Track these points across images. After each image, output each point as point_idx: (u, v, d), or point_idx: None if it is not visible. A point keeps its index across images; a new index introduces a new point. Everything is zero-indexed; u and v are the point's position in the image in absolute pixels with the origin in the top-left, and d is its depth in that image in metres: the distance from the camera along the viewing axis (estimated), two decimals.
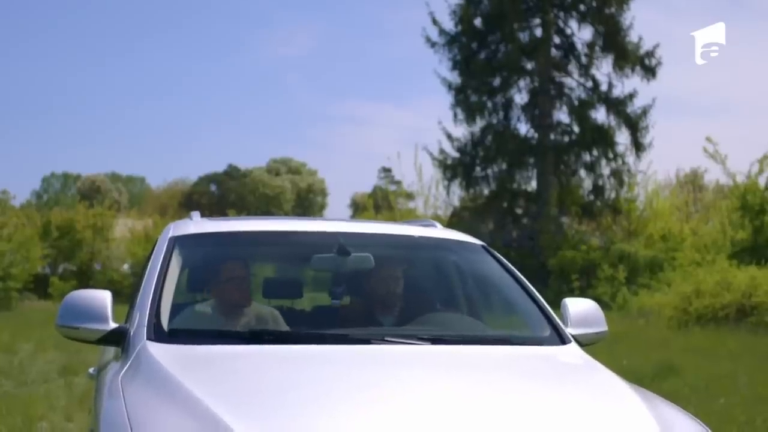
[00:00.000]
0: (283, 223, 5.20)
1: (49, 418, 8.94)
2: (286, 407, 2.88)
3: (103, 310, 3.76)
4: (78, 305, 3.83)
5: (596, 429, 2.93)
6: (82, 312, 3.80)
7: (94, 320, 3.74)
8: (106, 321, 3.76)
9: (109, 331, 3.75)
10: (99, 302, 3.80)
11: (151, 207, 76.44)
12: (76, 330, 3.77)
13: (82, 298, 3.86)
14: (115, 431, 2.76)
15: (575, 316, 4.19)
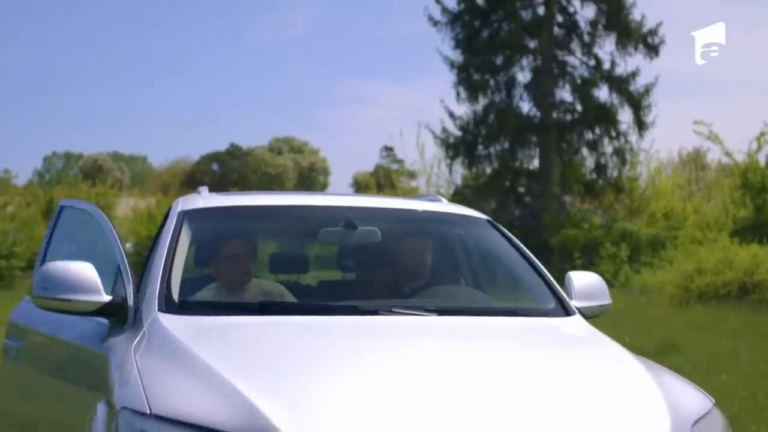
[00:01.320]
0: (291, 197, 5.28)
1: None
2: (297, 374, 2.96)
3: (93, 282, 3.79)
4: (63, 277, 3.83)
5: (600, 396, 3.00)
6: (70, 284, 3.80)
7: (86, 292, 3.76)
8: (99, 292, 3.79)
9: (105, 302, 3.79)
10: (87, 274, 3.82)
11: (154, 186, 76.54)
12: (67, 302, 3.79)
13: (64, 269, 3.87)
14: (130, 401, 2.81)
15: (579, 289, 4.26)
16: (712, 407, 3.15)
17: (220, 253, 4.43)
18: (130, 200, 49.64)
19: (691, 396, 3.17)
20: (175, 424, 2.68)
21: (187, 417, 2.70)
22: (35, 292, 3.90)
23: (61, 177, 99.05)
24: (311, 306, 4.00)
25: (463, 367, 3.14)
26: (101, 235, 4.38)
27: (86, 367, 4.06)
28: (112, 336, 3.90)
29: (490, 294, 4.52)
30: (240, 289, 4.35)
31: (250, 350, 3.25)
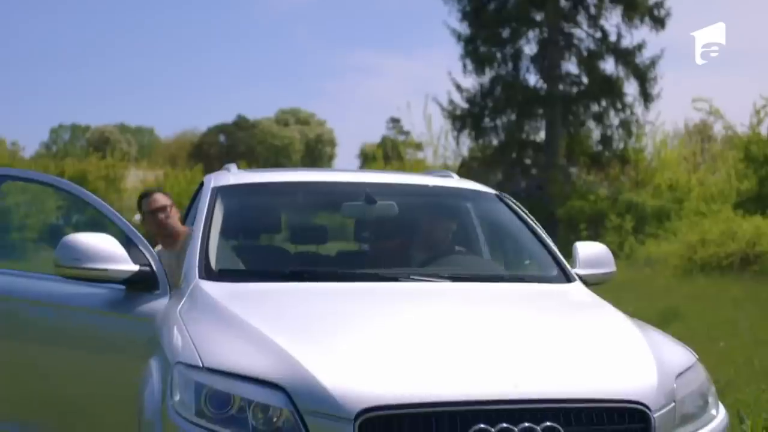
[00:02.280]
0: (315, 174, 5.67)
1: None
2: (326, 330, 3.38)
3: (121, 253, 4.18)
4: (90, 248, 4.19)
5: (593, 348, 3.40)
6: (100, 254, 4.17)
7: (116, 261, 4.14)
8: (128, 262, 4.17)
9: (136, 271, 4.17)
10: (113, 245, 4.20)
11: (161, 158, 76.65)
12: (101, 272, 4.16)
13: (88, 241, 4.23)
14: (184, 356, 3.20)
15: (584, 258, 4.63)
16: (695, 362, 3.53)
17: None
18: (139, 172, 49.85)
19: (677, 352, 3.55)
20: (224, 374, 3.05)
21: (233, 368, 3.07)
22: (60, 262, 4.22)
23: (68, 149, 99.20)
24: (337, 273, 4.38)
25: (469, 322, 3.62)
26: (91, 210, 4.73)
27: (109, 331, 4.41)
28: (146, 301, 4.28)
29: (498, 261, 4.91)
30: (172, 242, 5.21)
31: (283, 311, 3.65)
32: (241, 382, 3.01)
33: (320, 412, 2.84)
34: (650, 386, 3.09)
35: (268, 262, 4.62)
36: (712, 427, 3.28)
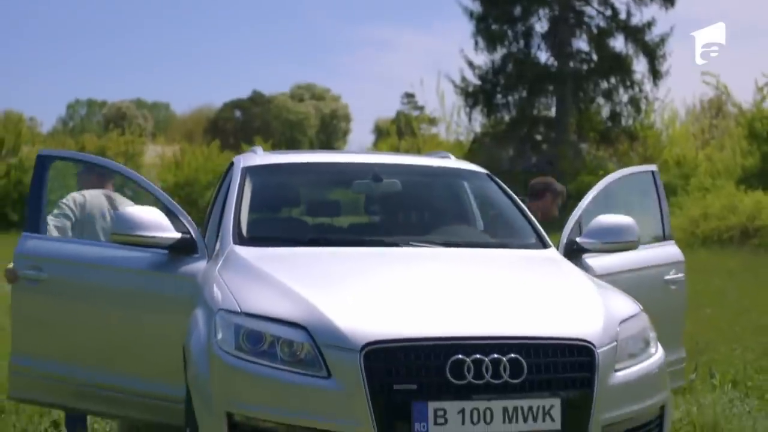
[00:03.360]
0: (330, 155, 6.51)
1: None
2: (339, 283, 4.20)
3: (166, 222, 4.98)
4: (141, 219, 4.93)
5: (553, 296, 4.20)
6: (149, 223, 4.92)
7: (162, 230, 4.94)
8: (171, 230, 4.97)
9: (178, 238, 4.97)
10: (159, 216, 4.99)
11: (177, 133, 77.33)
12: (150, 239, 4.93)
13: (140, 212, 4.99)
14: (225, 304, 3.98)
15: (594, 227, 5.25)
16: (638, 312, 4.27)
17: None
18: (157, 148, 50.43)
19: (623, 303, 4.31)
20: (257, 317, 3.82)
21: (265, 312, 3.83)
22: (115, 230, 4.98)
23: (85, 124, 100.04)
24: (348, 239, 5.20)
25: (454, 278, 4.45)
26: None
27: (155, 289, 5.15)
28: (186, 263, 5.05)
29: (487, 231, 5.68)
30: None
31: (303, 268, 4.43)
32: (271, 323, 3.78)
33: (334, 345, 3.60)
34: (596, 329, 3.84)
35: (290, 230, 5.42)
36: (648, 362, 4.04)
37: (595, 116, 35.81)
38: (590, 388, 3.69)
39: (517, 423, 3.55)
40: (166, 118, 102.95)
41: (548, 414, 3.59)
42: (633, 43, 34.86)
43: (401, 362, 3.56)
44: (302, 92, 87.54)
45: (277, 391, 3.64)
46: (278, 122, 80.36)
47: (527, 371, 3.60)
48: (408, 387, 3.52)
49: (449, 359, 3.56)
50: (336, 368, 3.58)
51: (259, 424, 3.66)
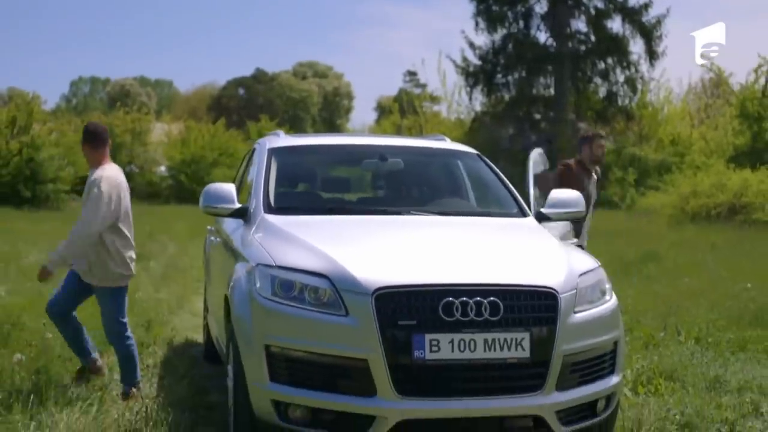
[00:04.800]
0: (342, 138, 7.53)
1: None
2: (351, 240, 5.19)
3: (230, 196, 5.96)
4: (215, 193, 5.99)
5: (525, 254, 5.18)
6: (219, 197, 5.97)
7: (227, 202, 5.94)
8: (233, 202, 5.96)
9: (236, 208, 5.96)
10: (227, 191, 5.99)
11: (181, 110, 78.01)
12: (215, 208, 5.96)
13: (216, 188, 6.03)
14: (262, 259, 4.92)
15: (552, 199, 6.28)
16: (596, 267, 5.19)
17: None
18: (163, 125, 51.04)
19: (585, 260, 5.25)
20: (289, 269, 4.74)
21: (295, 265, 4.75)
22: (201, 204, 6.03)
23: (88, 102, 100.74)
24: (359, 208, 6.20)
25: (446, 238, 5.45)
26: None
27: (226, 247, 6.25)
28: (242, 229, 5.98)
29: (476, 203, 6.63)
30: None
31: (324, 231, 5.39)
32: (300, 273, 4.70)
33: (351, 291, 4.52)
34: (559, 279, 4.75)
35: (309, 201, 6.40)
36: (603, 307, 4.95)
37: (592, 96, 36.71)
38: (554, 325, 4.64)
39: (494, 351, 4.51)
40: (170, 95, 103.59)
41: (520, 345, 4.55)
42: (630, 24, 35.71)
43: (404, 303, 4.50)
44: (305, 70, 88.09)
45: (305, 326, 4.60)
46: (281, 100, 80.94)
47: (503, 311, 4.55)
48: (409, 322, 4.47)
49: (441, 301, 4.51)
50: (352, 308, 4.53)
51: (291, 353, 4.61)
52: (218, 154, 43.47)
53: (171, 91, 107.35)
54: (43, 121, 35.26)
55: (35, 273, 6.61)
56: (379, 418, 4.47)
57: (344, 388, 4.52)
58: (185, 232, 20.82)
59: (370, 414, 4.48)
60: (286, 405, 4.61)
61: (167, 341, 8.46)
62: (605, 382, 4.97)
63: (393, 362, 4.43)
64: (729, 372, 6.87)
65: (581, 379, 4.81)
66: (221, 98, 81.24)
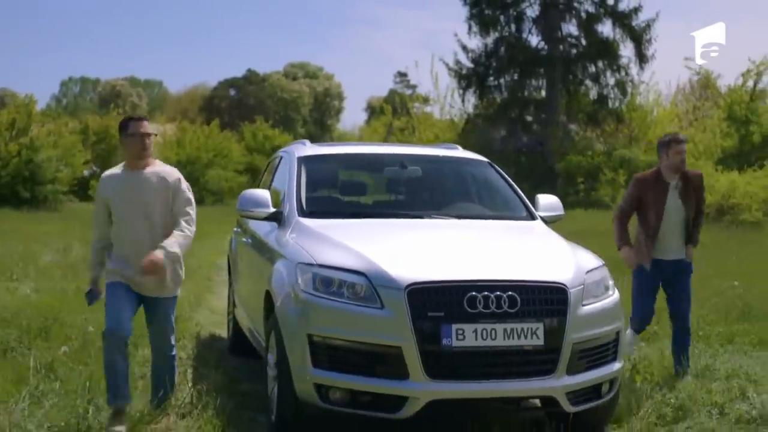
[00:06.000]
0: (366, 147, 8.16)
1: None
2: (382, 241, 5.79)
3: (266, 201, 6.55)
4: (251, 198, 6.59)
5: (537, 253, 5.79)
6: (255, 202, 6.57)
7: (263, 206, 6.54)
8: (268, 206, 6.55)
9: (271, 212, 6.55)
10: (262, 196, 6.58)
11: (172, 111, 78.27)
12: (252, 212, 6.56)
13: (252, 194, 6.64)
14: (303, 259, 5.49)
15: (542, 204, 6.95)
16: (601, 265, 5.81)
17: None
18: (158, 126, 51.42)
19: (591, 259, 5.86)
20: (329, 267, 5.30)
21: (334, 264, 5.32)
22: (237, 208, 6.65)
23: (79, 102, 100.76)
24: (383, 212, 6.82)
25: (467, 239, 6.08)
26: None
27: (263, 248, 6.78)
28: (277, 231, 6.52)
29: (488, 207, 7.23)
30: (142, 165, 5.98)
31: (356, 233, 5.97)
32: (339, 271, 5.26)
33: (386, 286, 5.09)
34: (569, 276, 5.36)
35: (340, 206, 7.03)
36: (606, 301, 5.56)
37: (583, 98, 37.34)
38: (564, 317, 5.25)
39: (512, 339, 5.11)
40: (160, 96, 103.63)
41: (534, 334, 5.15)
42: (620, 28, 36.39)
43: (433, 297, 5.10)
44: (296, 71, 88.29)
45: (344, 318, 5.18)
46: (272, 101, 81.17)
47: (520, 304, 5.15)
48: (437, 314, 5.06)
49: (466, 295, 5.10)
50: (387, 302, 5.12)
51: (332, 341, 5.19)
52: (213, 155, 44.04)
53: (161, 91, 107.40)
54: (41, 122, 35.56)
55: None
56: (412, 398, 5.07)
57: (380, 372, 5.12)
58: None
59: (404, 395, 5.08)
60: (327, 388, 5.20)
61: (194, 336, 9.02)
62: (609, 368, 5.59)
63: (424, 349, 5.03)
64: (718, 362, 7.47)
65: (588, 364, 5.43)
66: (213, 99, 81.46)
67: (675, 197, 7.18)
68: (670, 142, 7.16)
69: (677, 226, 7.24)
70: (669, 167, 7.17)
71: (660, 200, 7.13)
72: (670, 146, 7.13)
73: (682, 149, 7.15)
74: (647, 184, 7.22)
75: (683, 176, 7.21)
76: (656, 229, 7.19)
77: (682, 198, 7.18)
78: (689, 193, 7.20)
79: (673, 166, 7.15)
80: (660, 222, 7.17)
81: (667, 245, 7.27)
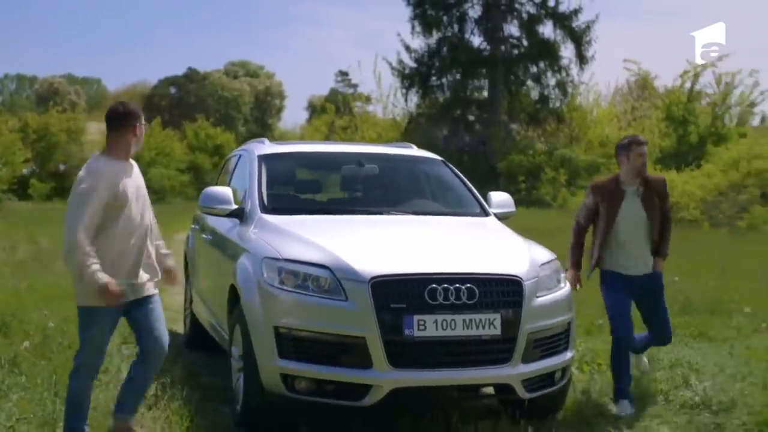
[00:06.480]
0: (324, 146, 8.34)
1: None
2: (344, 236, 5.97)
3: (228, 198, 6.71)
4: (213, 195, 6.75)
5: (492, 247, 6.04)
6: (217, 198, 6.73)
7: (225, 203, 6.71)
8: (231, 203, 6.71)
9: (234, 209, 6.71)
10: (225, 193, 6.75)
11: None
12: (214, 208, 6.71)
13: (215, 191, 6.79)
14: (269, 253, 5.66)
15: (495, 201, 7.21)
16: (553, 258, 6.08)
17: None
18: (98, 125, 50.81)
19: (544, 253, 6.12)
20: (294, 261, 5.47)
21: (299, 258, 5.49)
22: (201, 204, 6.78)
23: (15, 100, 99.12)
24: (343, 209, 7.01)
25: (425, 234, 6.31)
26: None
27: (226, 244, 6.90)
28: (239, 227, 6.67)
29: (442, 204, 7.46)
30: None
31: (319, 228, 6.16)
32: (304, 265, 5.44)
33: (350, 279, 5.27)
34: (524, 268, 5.60)
35: (301, 202, 7.20)
36: (559, 293, 5.81)
37: (524, 98, 37.93)
38: (519, 308, 5.49)
39: (471, 329, 5.34)
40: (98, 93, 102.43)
41: (492, 324, 5.38)
42: (561, 30, 37.03)
43: (395, 290, 5.31)
44: (237, 69, 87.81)
45: (310, 310, 5.37)
46: (213, 99, 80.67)
47: (478, 296, 5.38)
48: (400, 306, 5.27)
49: (426, 288, 5.32)
50: (351, 294, 5.32)
51: (298, 333, 5.37)
52: (155, 154, 43.77)
53: (99, 89, 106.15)
54: None
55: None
56: (375, 386, 5.28)
57: (344, 362, 5.32)
58: None
59: (368, 383, 5.29)
60: (293, 378, 5.39)
61: None
62: (561, 357, 5.86)
63: (387, 339, 5.24)
64: (662, 352, 7.78)
65: (542, 353, 5.69)
66: (153, 97, 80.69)
67: (636, 204, 6.57)
68: (630, 144, 6.60)
69: (641, 236, 6.62)
70: (629, 171, 6.56)
71: (617, 208, 6.55)
72: (631, 149, 6.56)
73: (644, 151, 6.58)
74: (605, 191, 6.64)
75: (644, 181, 6.62)
76: (616, 240, 6.58)
77: (645, 205, 6.57)
78: (652, 200, 6.59)
79: (634, 170, 6.55)
80: (618, 231, 6.57)
81: (631, 258, 6.64)
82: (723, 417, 6.17)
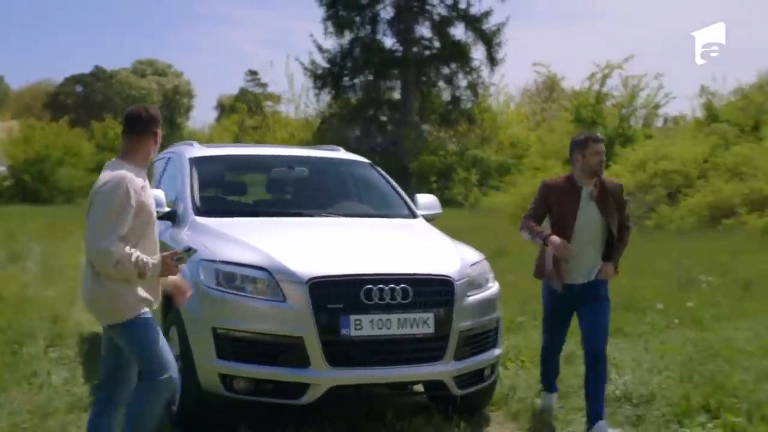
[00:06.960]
0: (255, 149, 8.45)
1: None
2: (279, 238, 6.08)
3: (161, 200, 6.73)
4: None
5: (422, 249, 6.22)
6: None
7: (158, 206, 6.68)
8: (163, 206, 6.75)
9: (166, 211, 6.75)
10: (158, 196, 6.74)
11: (14, 107, 75.90)
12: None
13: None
14: (205, 255, 5.68)
15: (422, 203, 7.41)
16: (482, 259, 6.30)
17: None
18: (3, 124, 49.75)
19: (473, 253, 6.33)
20: (231, 263, 5.54)
21: (236, 260, 5.57)
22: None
23: None
24: (275, 211, 7.07)
25: (357, 236, 6.45)
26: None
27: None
28: (171, 229, 6.69)
29: (370, 206, 7.62)
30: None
31: (253, 230, 6.25)
32: (241, 267, 5.54)
33: (288, 280, 5.38)
34: (454, 269, 5.79)
35: (233, 205, 7.29)
36: (488, 292, 6.03)
37: (436, 99, 38.33)
38: (451, 307, 5.68)
39: (405, 328, 5.51)
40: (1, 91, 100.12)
41: (425, 323, 5.56)
42: (472, 32, 37.52)
43: (332, 290, 5.44)
44: (144, 68, 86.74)
45: (248, 311, 5.47)
46: (120, 98, 79.57)
47: (412, 296, 5.54)
48: (337, 306, 5.41)
49: (362, 288, 5.47)
50: (289, 295, 5.43)
51: (236, 334, 5.47)
52: (63, 153, 42.97)
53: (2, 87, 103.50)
54: None
55: None
56: (313, 385, 5.41)
57: (282, 362, 5.44)
58: (44, 233, 20.96)
59: (306, 382, 5.42)
60: (232, 378, 5.49)
61: (78, 335, 9.09)
62: (490, 354, 6.08)
63: (324, 339, 5.38)
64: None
65: (473, 350, 5.90)
66: (58, 95, 79.39)
67: (590, 206, 6.06)
68: (586, 140, 6.07)
69: (592, 240, 6.10)
70: (584, 170, 6.04)
71: (572, 209, 6.03)
72: (587, 145, 6.02)
73: (600, 149, 6.04)
74: (557, 190, 6.13)
75: (599, 182, 6.11)
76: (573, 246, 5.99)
77: (599, 207, 6.05)
78: (608, 204, 6.07)
79: (589, 169, 6.02)
80: (574, 237, 6.03)
81: (579, 265, 6.11)
82: (644, 409, 6.47)
